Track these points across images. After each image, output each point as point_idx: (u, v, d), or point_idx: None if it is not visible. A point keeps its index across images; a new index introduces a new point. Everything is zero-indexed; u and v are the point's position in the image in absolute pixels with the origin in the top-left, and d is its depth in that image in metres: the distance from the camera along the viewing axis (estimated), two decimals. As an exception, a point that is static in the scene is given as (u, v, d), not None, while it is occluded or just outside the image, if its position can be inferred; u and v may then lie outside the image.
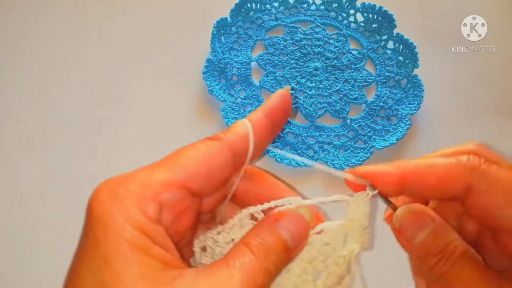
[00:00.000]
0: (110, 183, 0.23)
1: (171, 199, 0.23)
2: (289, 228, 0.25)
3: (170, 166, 0.24)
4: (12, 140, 0.53)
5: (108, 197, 0.22)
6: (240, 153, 0.26)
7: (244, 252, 0.23)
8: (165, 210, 0.23)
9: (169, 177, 0.24)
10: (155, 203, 0.23)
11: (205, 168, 0.24)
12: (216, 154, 0.25)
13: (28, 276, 0.46)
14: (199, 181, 0.24)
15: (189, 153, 0.25)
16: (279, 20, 0.64)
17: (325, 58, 0.60)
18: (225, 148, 0.25)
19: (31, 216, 0.49)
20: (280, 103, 0.28)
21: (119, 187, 0.23)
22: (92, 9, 0.65)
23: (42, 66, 0.59)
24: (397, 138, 0.53)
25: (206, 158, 0.25)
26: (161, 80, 0.59)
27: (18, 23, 0.63)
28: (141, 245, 0.21)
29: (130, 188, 0.23)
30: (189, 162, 0.24)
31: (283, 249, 0.24)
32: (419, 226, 0.24)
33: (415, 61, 0.59)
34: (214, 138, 0.26)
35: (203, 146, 0.25)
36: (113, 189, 0.23)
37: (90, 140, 0.54)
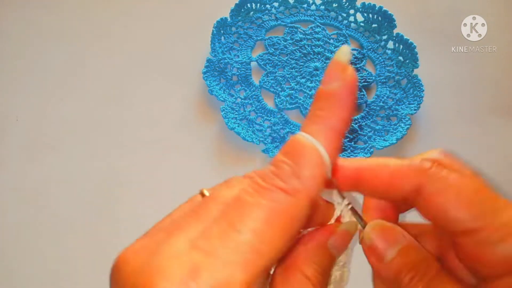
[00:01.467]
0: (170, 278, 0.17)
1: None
2: (339, 248, 0.23)
3: (248, 256, 0.18)
4: (12, 140, 0.53)
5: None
6: (317, 200, 0.22)
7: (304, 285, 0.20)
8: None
9: (253, 272, 0.18)
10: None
11: (288, 241, 0.19)
12: (296, 220, 0.19)
13: (28, 276, 0.46)
14: (278, 257, 0.19)
15: (268, 234, 0.18)
16: (279, 20, 0.64)
17: (325, 58, 0.60)
18: (305, 209, 0.19)
19: (31, 217, 0.49)
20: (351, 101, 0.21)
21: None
22: (92, 9, 0.65)
23: (42, 66, 0.59)
24: (397, 138, 0.53)
25: (288, 232, 0.19)
26: (161, 80, 0.59)
27: (18, 23, 0.63)
28: None
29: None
30: (270, 246, 0.18)
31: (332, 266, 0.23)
32: (391, 242, 0.23)
33: (415, 61, 0.59)
34: (289, 191, 0.19)
35: (281, 212, 0.19)
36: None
37: (90, 140, 0.54)
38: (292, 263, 0.21)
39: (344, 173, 0.23)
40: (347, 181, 0.23)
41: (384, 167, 0.22)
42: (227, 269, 0.17)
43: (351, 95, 0.21)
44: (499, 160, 0.56)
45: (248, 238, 0.18)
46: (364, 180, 0.23)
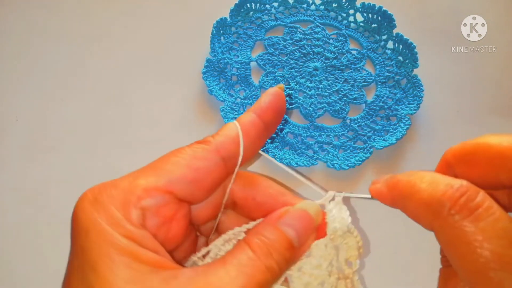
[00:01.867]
0: (93, 190, 0.23)
1: (154, 204, 0.23)
2: (293, 224, 0.24)
3: (153, 171, 0.24)
4: (12, 141, 0.53)
5: (92, 204, 0.22)
6: (230, 156, 0.25)
7: (243, 250, 0.22)
8: (149, 215, 0.23)
9: (152, 182, 0.23)
10: (138, 208, 0.22)
11: (190, 171, 0.24)
12: (202, 158, 0.24)
13: (28, 276, 0.46)
14: (184, 186, 0.23)
15: (174, 158, 0.24)
16: (278, 20, 0.64)
17: (325, 58, 0.60)
18: (212, 151, 0.24)
19: (31, 217, 0.49)
20: (273, 102, 0.26)
21: (102, 194, 0.23)
22: (91, 9, 0.65)
23: (42, 67, 0.59)
24: (397, 138, 0.53)
25: (191, 162, 0.24)
26: (161, 80, 0.59)
27: (18, 23, 0.63)
28: (128, 249, 0.20)
29: (113, 194, 0.22)
30: (173, 167, 0.24)
31: (287, 247, 0.23)
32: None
33: (415, 61, 0.59)
34: (202, 141, 0.25)
35: (189, 150, 0.24)
36: (96, 196, 0.22)
37: (90, 140, 0.54)
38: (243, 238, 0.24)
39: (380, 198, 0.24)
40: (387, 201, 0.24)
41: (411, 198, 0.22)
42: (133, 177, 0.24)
43: (274, 98, 0.27)
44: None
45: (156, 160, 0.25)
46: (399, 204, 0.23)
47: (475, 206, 0.20)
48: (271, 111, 0.26)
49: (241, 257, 0.22)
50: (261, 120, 0.26)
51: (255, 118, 0.26)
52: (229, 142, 0.25)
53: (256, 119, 0.26)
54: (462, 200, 0.20)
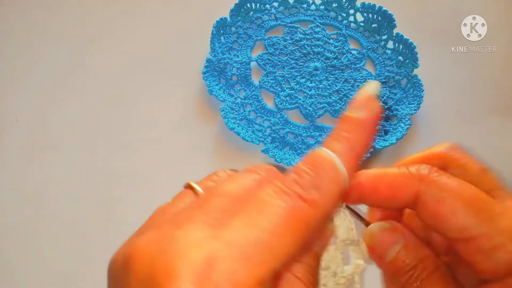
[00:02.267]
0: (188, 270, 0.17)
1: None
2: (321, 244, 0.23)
3: (262, 255, 0.18)
4: (12, 140, 0.53)
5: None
6: (332, 213, 0.23)
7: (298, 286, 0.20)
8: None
9: (265, 271, 0.18)
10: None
11: (299, 249, 0.19)
12: (310, 229, 0.19)
13: (28, 276, 0.46)
14: (290, 263, 0.20)
15: (284, 236, 0.19)
16: (278, 20, 0.64)
17: (325, 58, 0.60)
18: (320, 220, 0.20)
19: (31, 217, 0.49)
20: (373, 131, 0.23)
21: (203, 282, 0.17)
22: (91, 9, 0.65)
23: (42, 66, 0.59)
24: (397, 138, 0.53)
25: (301, 238, 0.19)
26: (161, 80, 0.59)
27: (18, 23, 0.63)
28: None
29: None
30: (284, 248, 0.18)
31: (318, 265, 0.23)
32: (390, 243, 0.23)
33: (415, 61, 0.59)
34: (309, 200, 0.19)
35: (298, 218, 0.19)
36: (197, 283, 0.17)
37: (90, 140, 0.54)
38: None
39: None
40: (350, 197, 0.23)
41: (382, 177, 0.23)
42: (244, 263, 0.17)
43: (374, 125, 0.22)
44: (499, 160, 0.56)
45: (267, 237, 0.18)
46: (365, 194, 0.23)
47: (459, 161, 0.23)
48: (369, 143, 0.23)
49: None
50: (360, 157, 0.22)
51: (356, 157, 0.22)
52: (336, 202, 0.21)
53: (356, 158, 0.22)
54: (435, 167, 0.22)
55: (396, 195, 0.22)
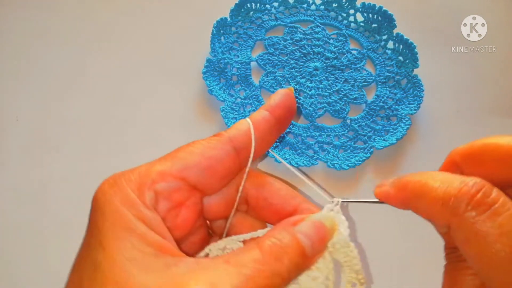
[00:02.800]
0: (114, 175, 0.25)
1: (167, 188, 0.24)
2: (308, 233, 0.23)
3: (169, 158, 0.25)
4: (12, 140, 0.53)
5: (110, 186, 0.24)
6: (242, 147, 0.26)
7: (251, 251, 0.21)
8: (162, 198, 0.24)
9: (167, 167, 0.24)
10: (151, 190, 0.23)
11: (203, 159, 0.25)
12: (215, 147, 0.25)
13: (28, 276, 0.46)
14: (197, 172, 0.25)
15: (189, 148, 0.26)
16: (279, 20, 0.64)
17: (325, 58, 0.60)
18: (225, 142, 0.26)
19: (31, 217, 0.49)
20: (284, 100, 0.28)
21: (120, 177, 0.24)
22: (92, 10, 0.65)
23: (42, 66, 0.59)
24: (397, 138, 0.53)
25: (204, 151, 0.25)
26: (161, 80, 0.59)
27: (18, 23, 0.63)
28: (137, 229, 0.22)
29: (131, 178, 0.24)
30: (187, 155, 0.25)
31: (299, 254, 0.23)
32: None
33: (415, 61, 0.59)
34: (216, 135, 0.26)
35: (203, 141, 0.26)
36: (115, 179, 0.24)
37: (90, 140, 0.54)
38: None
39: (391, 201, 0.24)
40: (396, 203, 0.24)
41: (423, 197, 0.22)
42: (152, 163, 0.26)
43: (284, 98, 0.28)
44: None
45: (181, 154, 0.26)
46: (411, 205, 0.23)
47: (492, 201, 0.20)
48: (281, 108, 0.28)
49: (246, 258, 0.21)
50: (272, 116, 0.27)
51: (266, 114, 0.27)
52: (241, 134, 0.26)
53: (267, 115, 0.27)
54: (478, 196, 0.20)
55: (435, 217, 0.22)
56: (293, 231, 0.23)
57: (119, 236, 0.21)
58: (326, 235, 0.24)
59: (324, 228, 0.24)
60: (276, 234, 0.23)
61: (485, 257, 0.20)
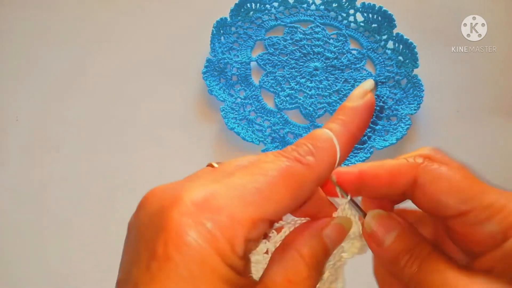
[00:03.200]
0: (192, 198, 0.20)
1: (258, 235, 0.22)
2: (333, 238, 0.25)
3: (261, 195, 0.21)
4: (12, 140, 0.53)
5: (191, 215, 0.20)
6: (325, 179, 0.24)
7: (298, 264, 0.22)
8: (251, 245, 0.22)
9: (259, 214, 0.21)
10: (245, 241, 0.21)
11: (292, 201, 0.22)
12: (305, 188, 0.22)
13: (28, 276, 0.46)
14: (283, 214, 0.23)
15: (279, 187, 0.21)
16: (278, 20, 0.64)
17: (325, 58, 0.60)
18: (315, 181, 0.23)
19: (31, 217, 0.49)
20: (367, 117, 0.25)
21: (207, 219, 0.20)
22: (92, 10, 0.65)
23: (42, 67, 0.59)
24: (397, 138, 0.53)
25: (295, 193, 0.22)
26: (161, 80, 0.59)
27: (18, 23, 0.63)
28: (219, 271, 0.20)
29: (220, 223, 0.20)
30: (278, 197, 0.21)
31: (327, 257, 0.25)
32: (388, 229, 0.25)
33: (415, 61, 0.59)
34: (304, 163, 0.22)
35: (293, 175, 0.22)
36: (201, 221, 0.20)
37: (90, 140, 0.54)
38: (288, 244, 0.24)
39: (347, 179, 0.26)
40: (350, 186, 0.26)
41: (382, 167, 0.25)
42: (241, 203, 0.20)
43: (368, 112, 0.25)
44: (499, 159, 0.56)
45: (264, 186, 0.21)
46: (366, 183, 0.25)
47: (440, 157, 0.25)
48: (364, 128, 0.25)
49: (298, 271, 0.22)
50: (353, 138, 0.25)
51: (350, 136, 0.25)
52: (329, 170, 0.24)
53: (351, 137, 0.25)
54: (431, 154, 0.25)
55: (396, 180, 0.25)
56: (322, 238, 0.25)
57: (201, 276, 0.19)
58: (344, 235, 0.26)
59: (344, 231, 0.26)
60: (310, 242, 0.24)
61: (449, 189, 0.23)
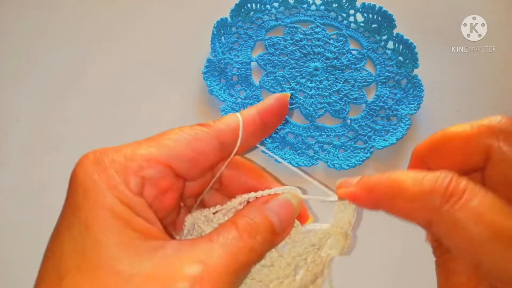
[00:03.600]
0: (96, 152, 0.24)
1: (154, 175, 0.24)
2: (276, 211, 0.26)
3: (156, 144, 0.25)
4: (12, 140, 0.53)
5: (93, 165, 0.23)
6: (227, 143, 0.26)
7: (229, 229, 0.23)
8: (148, 185, 0.24)
9: (154, 153, 0.24)
10: (138, 176, 0.23)
11: (189, 151, 0.25)
12: (202, 140, 0.25)
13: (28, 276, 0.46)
14: (183, 163, 0.25)
15: (176, 135, 0.25)
16: (279, 20, 0.64)
17: (325, 58, 0.60)
18: (212, 136, 0.26)
19: (31, 217, 0.49)
20: (276, 106, 0.28)
21: (104, 157, 0.23)
22: (92, 10, 0.65)
23: (42, 66, 0.59)
24: (397, 138, 0.53)
25: (191, 142, 0.25)
26: (161, 80, 0.59)
27: (18, 23, 0.63)
28: (122, 215, 0.21)
29: (115, 159, 0.23)
30: (174, 143, 0.25)
31: (270, 230, 0.25)
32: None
33: (415, 61, 0.59)
34: (204, 124, 0.26)
35: (191, 131, 0.26)
36: (98, 158, 0.23)
37: (90, 140, 0.54)
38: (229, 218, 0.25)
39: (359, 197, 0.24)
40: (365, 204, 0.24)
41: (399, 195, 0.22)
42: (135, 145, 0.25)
43: (277, 102, 0.28)
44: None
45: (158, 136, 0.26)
46: (383, 206, 0.24)
47: (462, 190, 0.21)
48: (272, 114, 0.28)
49: (227, 236, 0.23)
50: (261, 120, 0.27)
51: (256, 116, 0.27)
52: (228, 130, 0.26)
53: (256, 117, 0.27)
54: (450, 188, 0.21)
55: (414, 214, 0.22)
56: (264, 210, 0.25)
57: (105, 220, 0.21)
58: (293, 212, 0.27)
59: (291, 206, 0.26)
60: (249, 214, 0.25)
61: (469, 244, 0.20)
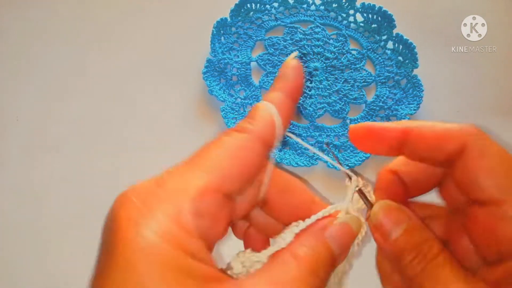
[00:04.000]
0: (138, 194, 0.21)
1: (209, 207, 0.21)
2: (337, 237, 0.23)
3: (202, 167, 0.21)
4: (12, 140, 0.53)
5: (139, 212, 0.20)
6: (270, 141, 0.24)
7: (288, 266, 0.21)
8: (202, 218, 0.21)
9: (205, 182, 0.21)
10: (192, 214, 0.20)
11: (239, 166, 0.22)
12: (247, 149, 0.22)
13: (28, 276, 0.46)
14: (233, 182, 0.22)
15: (219, 150, 0.22)
16: (278, 20, 0.64)
17: (325, 58, 0.60)
18: (256, 141, 0.23)
19: (31, 217, 0.49)
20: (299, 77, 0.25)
21: (149, 199, 0.20)
22: (92, 10, 0.65)
23: (42, 66, 0.59)
24: (397, 138, 0.53)
25: (238, 155, 0.22)
26: (161, 80, 0.59)
27: (18, 23, 0.63)
28: (180, 265, 0.19)
29: (162, 198, 0.20)
30: (222, 162, 0.22)
31: (332, 262, 0.22)
32: (396, 222, 0.23)
33: (415, 61, 0.59)
34: (240, 130, 0.23)
35: (232, 141, 0.22)
36: (144, 201, 0.20)
37: (90, 140, 0.54)
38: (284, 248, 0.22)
39: (391, 134, 0.24)
40: (393, 143, 0.24)
41: (432, 128, 0.24)
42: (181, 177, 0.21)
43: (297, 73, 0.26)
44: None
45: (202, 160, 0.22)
46: (411, 141, 0.24)
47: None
48: (298, 90, 0.25)
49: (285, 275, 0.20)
50: (290, 99, 0.25)
51: (285, 98, 0.25)
52: (268, 128, 0.24)
53: (285, 99, 0.25)
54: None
55: (442, 145, 0.23)
56: (324, 239, 0.23)
57: (161, 274, 0.18)
58: (353, 237, 0.24)
59: (352, 231, 0.24)
60: (307, 242, 0.22)
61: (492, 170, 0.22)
